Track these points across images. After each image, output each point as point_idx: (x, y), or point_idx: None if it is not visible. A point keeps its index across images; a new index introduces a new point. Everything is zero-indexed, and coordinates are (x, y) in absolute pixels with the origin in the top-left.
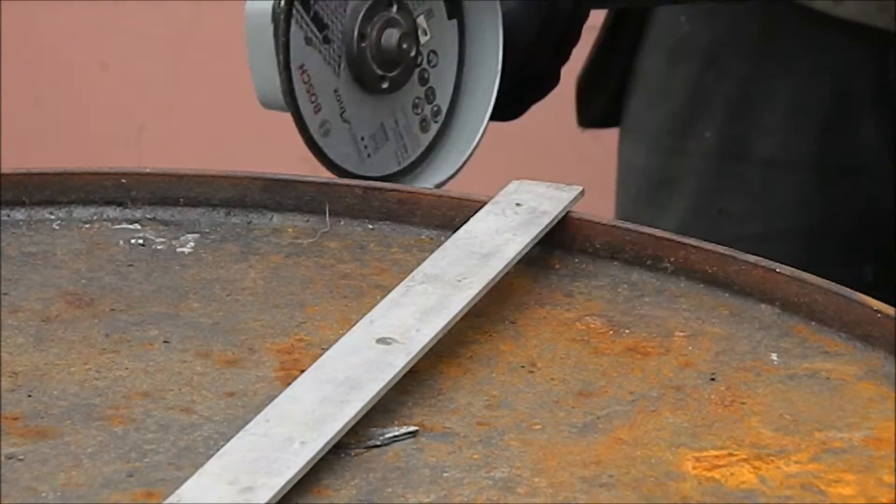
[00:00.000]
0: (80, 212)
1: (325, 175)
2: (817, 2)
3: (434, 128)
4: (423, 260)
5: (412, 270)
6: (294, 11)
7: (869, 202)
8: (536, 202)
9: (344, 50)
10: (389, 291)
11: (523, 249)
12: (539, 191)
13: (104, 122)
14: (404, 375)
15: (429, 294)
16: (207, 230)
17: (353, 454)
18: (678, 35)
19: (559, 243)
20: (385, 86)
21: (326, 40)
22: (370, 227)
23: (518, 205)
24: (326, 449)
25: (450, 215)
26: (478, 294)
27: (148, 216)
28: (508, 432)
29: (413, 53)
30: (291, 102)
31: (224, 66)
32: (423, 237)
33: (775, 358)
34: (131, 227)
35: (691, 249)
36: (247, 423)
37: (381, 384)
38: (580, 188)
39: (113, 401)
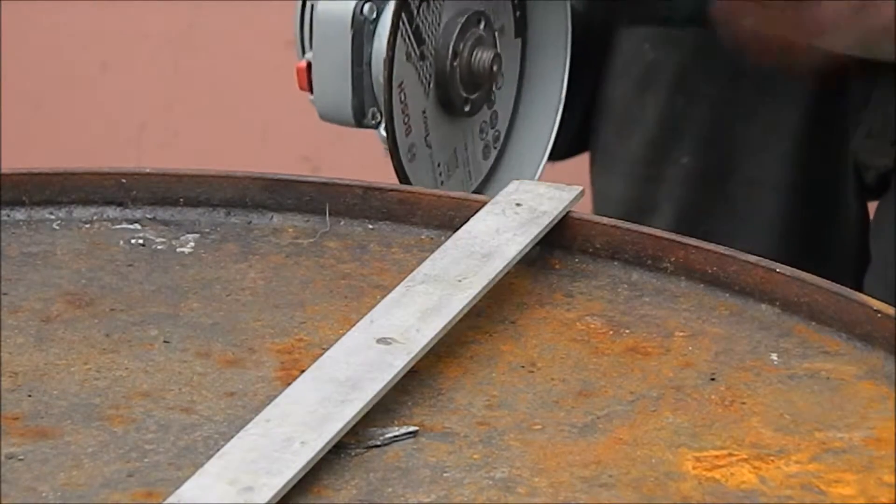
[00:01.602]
0: (80, 212)
1: (325, 175)
2: None
3: (493, 154)
4: (423, 260)
5: (412, 270)
6: (400, 23)
7: (849, 219)
8: (536, 202)
9: (435, 68)
10: (389, 291)
11: (523, 249)
12: (539, 191)
13: (104, 122)
14: (404, 375)
15: (429, 294)
16: (207, 230)
17: (353, 454)
18: (644, 63)
19: (559, 243)
20: (467, 109)
21: (422, 57)
22: (370, 227)
23: (518, 205)
24: (326, 449)
25: (450, 215)
26: (478, 294)
27: (148, 216)
28: (508, 432)
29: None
30: (390, 123)
31: (224, 66)
32: (423, 237)
33: (775, 358)
34: (131, 227)
35: (691, 249)
36: (247, 423)
37: (381, 384)
38: (580, 188)
39: (113, 401)
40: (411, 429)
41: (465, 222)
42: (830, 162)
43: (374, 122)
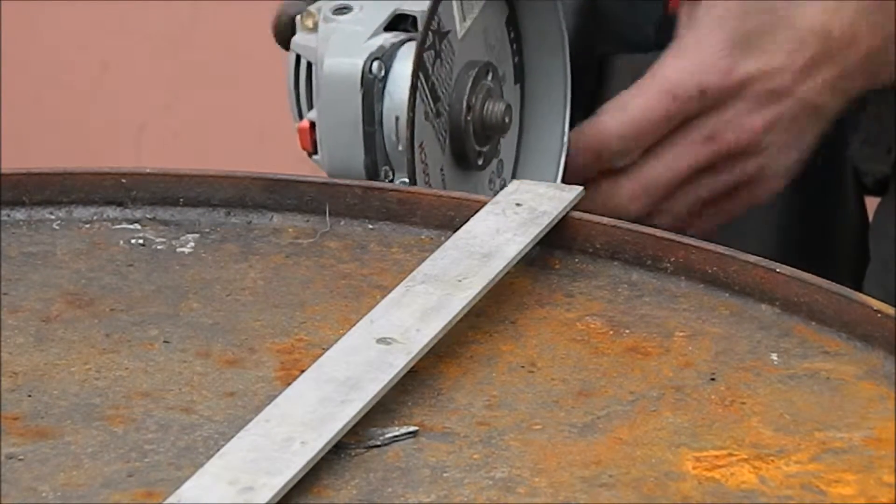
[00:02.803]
0: (80, 212)
1: (325, 175)
2: None
3: None
4: (423, 260)
5: (412, 270)
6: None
7: (848, 218)
8: (536, 202)
9: (450, 124)
10: (389, 291)
11: (523, 249)
12: (539, 191)
13: (104, 122)
14: (404, 375)
15: (429, 294)
16: (207, 230)
17: (353, 454)
18: (644, 62)
19: (559, 243)
20: (480, 162)
21: (438, 114)
22: (370, 227)
23: (518, 205)
24: (326, 449)
25: (450, 215)
26: (478, 294)
27: (148, 216)
28: (508, 432)
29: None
30: (412, 184)
31: (224, 66)
32: (423, 237)
33: (775, 358)
34: (131, 227)
35: (691, 249)
36: (247, 423)
37: (381, 384)
38: (580, 188)
39: (113, 401)
40: (411, 429)
41: (465, 222)
42: (828, 162)
43: (386, 180)
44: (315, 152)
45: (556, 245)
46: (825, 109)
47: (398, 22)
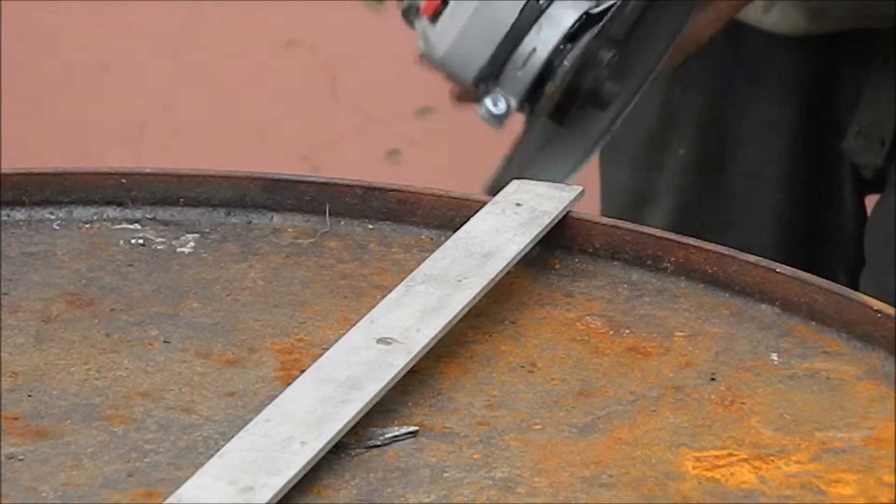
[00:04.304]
0: (80, 212)
1: (325, 175)
2: (749, 16)
3: None
4: (423, 260)
5: (412, 270)
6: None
7: (842, 211)
8: (536, 202)
9: (574, 80)
10: (389, 291)
11: (523, 249)
12: (539, 191)
13: (104, 121)
14: (404, 375)
15: (429, 294)
16: (207, 230)
17: (353, 454)
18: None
19: (559, 243)
20: (566, 124)
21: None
22: (370, 227)
23: (518, 205)
24: (326, 449)
25: (450, 215)
26: (478, 294)
27: (148, 216)
28: (508, 432)
29: None
30: (526, 102)
31: (224, 66)
32: (423, 237)
33: (775, 358)
34: (131, 227)
35: (691, 249)
36: (247, 423)
37: (381, 384)
38: (580, 188)
39: (113, 401)
40: (411, 429)
41: (465, 222)
42: (826, 157)
43: (485, 89)
44: (432, 22)
45: (556, 245)
46: None
47: None
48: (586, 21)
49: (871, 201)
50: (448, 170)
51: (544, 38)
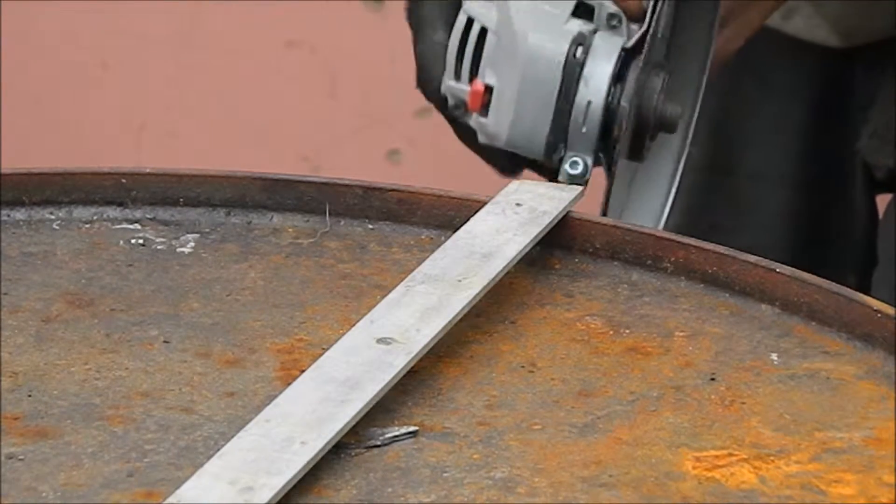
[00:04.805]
0: (80, 212)
1: (325, 175)
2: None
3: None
4: (423, 260)
5: (412, 270)
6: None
7: (848, 213)
8: (536, 202)
9: (638, 114)
10: (389, 291)
11: (523, 249)
12: (539, 191)
13: (104, 122)
14: (404, 375)
15: (429, 294)
16: (207, 230)
17: (353, 454)
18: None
19: (559, 243)
20: (644, 154)
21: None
22: (370, 227)
23: (518, 205)
24: (326, 449)
25: (450, 215)
26: (478, 294)
27: (148, 216)
28: (508, 432)
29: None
30: (605, 156)
31: (224, 65)
32: (423, 237)
33: (775, 358)
34: (131, 227)
35: (691, 249)
36: (247, 423)
37: (381, 384)
38: (580, 188)
39: (113, 401)
40: (411, 429)
41: (465, 222)
42: (836, 158)
43: (559, 156)
44: (483, 114)
45: (556, 245)
46: None
47: (579, 11)
48: (626, 56)
49: (882, 201)
50: (448, 170)
51: (594, 88)
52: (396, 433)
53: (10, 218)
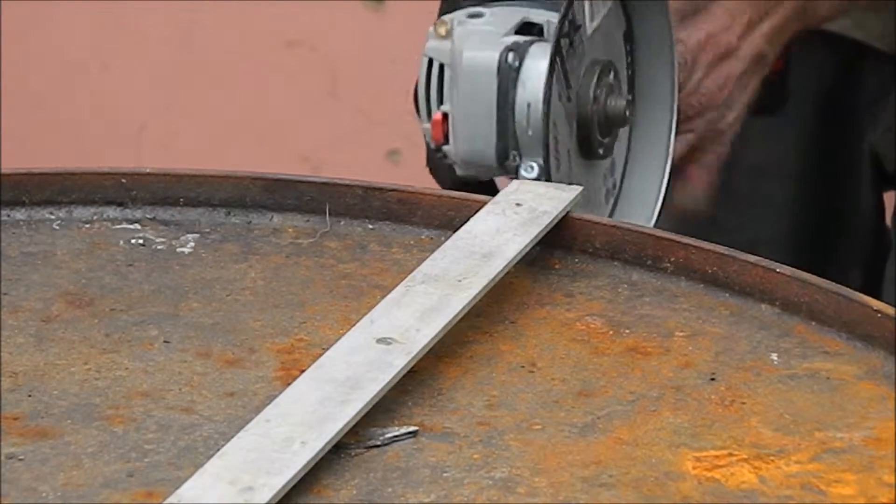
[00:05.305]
0: (80, 212)
1: (325, 175)
2: None
3: (612, 200)
4: (423, 260)
5: (412, 270)
6: (556, 66)
7: (854, 208)
8: (536, 202)
9: (577, 110)
10: (389, 291)
11: (523, 249)
12: (539, 191)
13: (104, 122)
14: (404, 375)
15: (429, 294)
16: (207, 230)
17: (353, 454)
18: None
19: (559, 243)
20: (600, 152)
21: (569, 98)
22: (370, 227)
23: (518, 205)
24: (326, 449)
25: (450, 215)
26: (478, 294)
27: (148, 216)
28: (508, 432)
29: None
30: (546, 157)
31: (224, 66)
32: (423, 237)
33: (775, 358)
34: (131, 227)
35: (691, 249)
36: (247, 423)
37: (381, 384)
38: (580, 188)
39: (113, 401)
40: (411, 429)
41: (465, 222)
42: (842, 154)
43: (514, 163)
44: (445, 142)
45: (556, 245)
46: (766, 58)
47: (525, 30)
48: (562, 57)
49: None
50: None
51: (531, 89)
52: (396, 433)
53: (10, 218)
